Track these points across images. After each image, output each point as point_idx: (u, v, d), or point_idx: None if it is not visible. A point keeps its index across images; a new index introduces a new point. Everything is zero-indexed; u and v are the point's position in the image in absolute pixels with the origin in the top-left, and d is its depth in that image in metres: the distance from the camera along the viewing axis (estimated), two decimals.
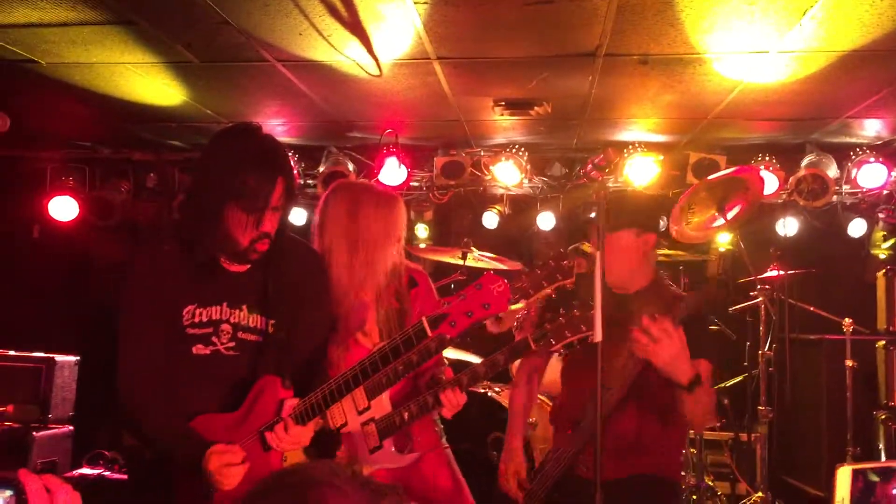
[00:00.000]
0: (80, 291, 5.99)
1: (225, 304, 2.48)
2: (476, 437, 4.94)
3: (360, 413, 2.68)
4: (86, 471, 4.41)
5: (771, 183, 5.52)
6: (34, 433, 3.97)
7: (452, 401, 2.60)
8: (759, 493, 4.97)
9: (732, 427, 5.62)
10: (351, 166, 5.84)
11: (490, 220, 6.05)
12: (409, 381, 2.84)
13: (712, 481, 5.24)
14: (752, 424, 5.36)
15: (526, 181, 5.96)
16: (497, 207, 6.10)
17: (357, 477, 1.03)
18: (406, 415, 2.65)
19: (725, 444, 5.52)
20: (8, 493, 1.20)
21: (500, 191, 6.11)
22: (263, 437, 2.35)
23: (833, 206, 5.84)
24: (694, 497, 4.90)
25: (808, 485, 5.42)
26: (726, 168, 5.33)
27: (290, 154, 2.54)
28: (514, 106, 4.89)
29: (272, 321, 2.51)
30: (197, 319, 2.45)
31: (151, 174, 6.07)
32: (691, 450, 5.17)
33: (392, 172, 5.58)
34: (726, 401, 5.50)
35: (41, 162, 6.02)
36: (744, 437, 5.51)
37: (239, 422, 2.39)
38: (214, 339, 2.46)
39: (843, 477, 2.00)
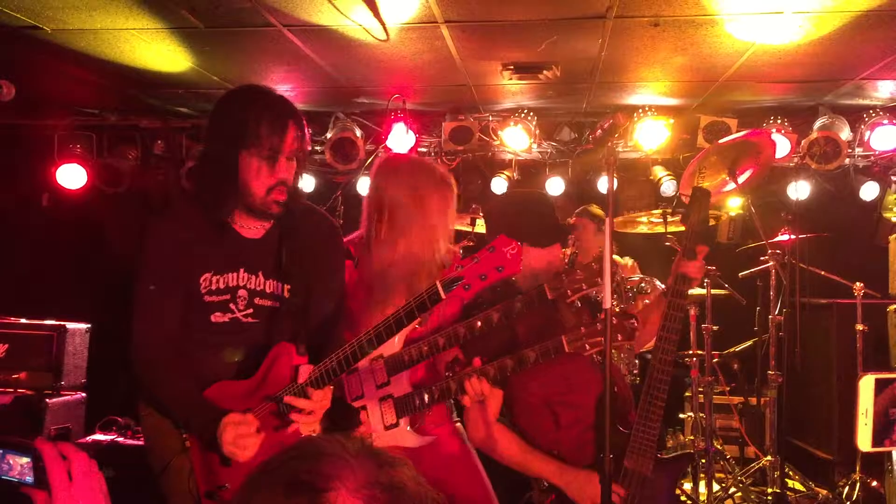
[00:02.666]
0: (90, 259, 6.00)
1: (242, 270, 2.46)
2: None
3: (379, 388, 2.67)
4: (99, 437, 4.44)
5: (783, 146, 5.47)
6: (47, 400, 4.00)
7: (476, 389, 2.56)
8: (769, 457, 4.99)
9: (742, 391, 5.63)
10: (359, 132, 5.81)
11: (499, 185, 6.02)
12: (430, 368, 2.84)
13: (721, 445, 5.27)
14: (761, 389, 5.36)
15: (535, 146, 5.92)
16: (506, 173, 6.07)
17: (366, 448, 1.02)
18: (427, 397, 2.64)
19: (735, 408, 5.54)
20: (25, 460, 1.21)
21: (509, 156, 6.07)
22: (280, 401, 2.35)
23: (845, 169, 5.79)
24: (703, 461, 4.92)
25: (818, 448, 5.44)
26: (737, 131, 5.28)
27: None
28: (523, 70, 4.84)
29: (288, 286, 2.50)
30: (214, 287, 2.44)
31: (159, 141, 6.05)
32: (700, 414, 5.18)
33: (400, 138, 5.54)
34: (736, 365, 5.51)
35: (48, 130, 6.00)
36: (753, 401, 5.53)
37: (254, 389, 2.39)
38: (232, 305, 2.45)
39: (867, 386, 1.98)
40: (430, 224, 2.74)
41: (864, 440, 2.01)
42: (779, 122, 5.60)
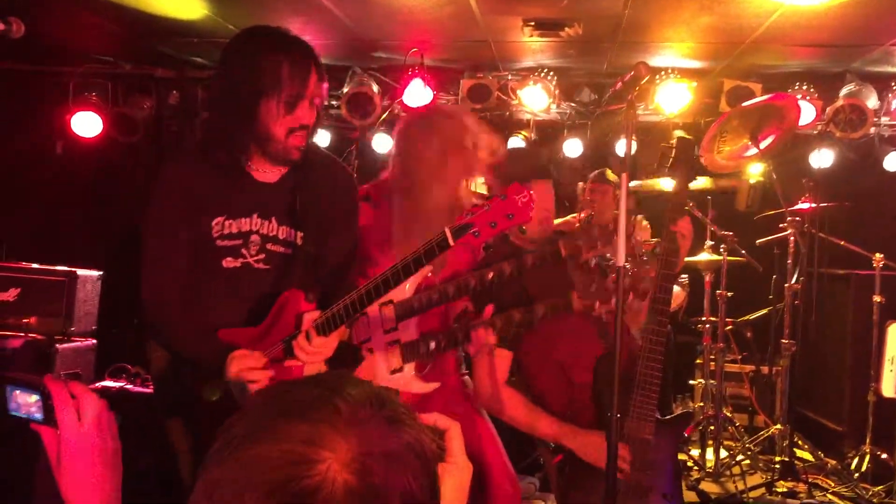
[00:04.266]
0: (104, 207, 6.00)
1: (255, 215, 2.43)
2: None
3: (386, 332, 2.65)
4: (108, 383, 4.47)
5: (807, 112, 5.35)
6: (57, 345, 4.00)
7: (482, 339, 2.54)
8: (778, 426, 4.96)
9: (754, 360, 5.58)
10: (375, 87, 5.74)
11: (516, 145, 5.94)
12: (441, 318, 2.81)
13: (730, 413, 5.24)
14: (773, 358, 5.32)
15: (554, 106, 5.83)
16: (523, 133, 5.98)
17: (367, 401, 0.92)
18: (433, 344, 2.62)
19: (746, 376, 5.50)
20: (34, 397, 1.21)
21: (527, 116, 5.98)
22: (286, 348, 2.32)
23: (870, 139, 5.67)
24: (711, 427, 4.90)
25: (829, 419, 5.40)
26: (761, 96, 5.17)
27: None
28: (544, 26, 4.74)
29: (301, 233, 2.47)
30: (227, 231, 2.40)
31: (174, 91, 6.00)
32: (710, 381, 5.15)
33: (417, 94, 5.47)
34: (749, 334, 5.46)
35: (63, 77, 5.96)
36: (765, 370, 5.49)
37: (262, 335, 2.37)
38: (244, 251, 2.42)
39: (895, 334, 2.03)
40: (454, 178, 2.69)
41: (888, 386, 2.05)
42: (804, 87, 5.48)
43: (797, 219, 4.93)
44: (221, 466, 0.88)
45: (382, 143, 5.84)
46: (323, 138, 5.97)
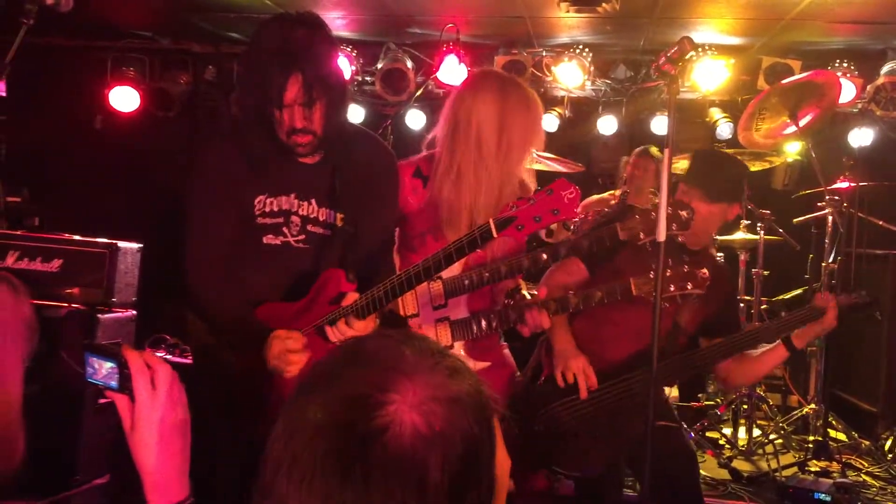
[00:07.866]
0: (142, 181, 6.07)
1: (294, 196, 2.46)
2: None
3: (435, 309, 2.66)
4: None
5: (847, 90, 5.27)
6: (99, 315, 4.06)
7: (536, 321, 2.53)
8: (812, 405, 4.93)
9: None
10: (410, 63, 5.74)
11: (550, 122, 5.91)
12: (490, 295, 2.82)
13: (764, 392, 5.21)
14: None
15: (588, 83, 5.80)
16: (557, 110, 5.96)
17: (427, 353, 0.98)
18: (484, 323, 2.62)
19: None
20: (109, 364, 1.24)
21: (562, 93, 5.95)
22: (324, 329, 2.34)
23: None
24: (744, 406, 4.88)
25: (863, 401, 5.35)
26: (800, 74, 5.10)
27: (328, 47, 2.40)
28: (581, 2, 4.70)
29: (341, 215, 2.49)
30: (268, 209, 2.44)
31: (210, 66, 6.05)
32: None
33: (451, 70, 5.46)
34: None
35: (102, 52, 6.03)
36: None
37: (301, 312, 2.40)
38: (285, 229, 2.45)
39: None
40: (511, 146, 2.61)
41: None
42: (844, 65, 5.40)
43: (836, 198, 4.88)
44: (300, 409, 0.94)
45: (417, 120, 5.84)
46: (357, 114, 5.99)
